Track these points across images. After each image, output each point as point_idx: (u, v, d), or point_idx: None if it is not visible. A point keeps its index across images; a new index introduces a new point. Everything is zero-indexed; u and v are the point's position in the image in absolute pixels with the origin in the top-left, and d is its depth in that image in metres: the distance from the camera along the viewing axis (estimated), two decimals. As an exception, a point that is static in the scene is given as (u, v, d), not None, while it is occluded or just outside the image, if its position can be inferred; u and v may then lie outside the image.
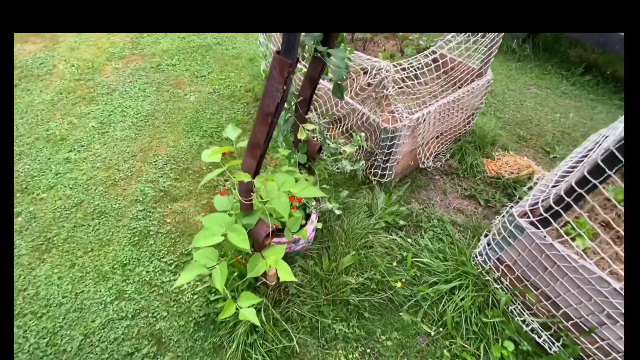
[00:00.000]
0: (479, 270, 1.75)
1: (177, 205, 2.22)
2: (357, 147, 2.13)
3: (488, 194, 2.33)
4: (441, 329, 1.60)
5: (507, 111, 3.19)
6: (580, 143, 2.88)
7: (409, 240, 1.97)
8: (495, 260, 1.69)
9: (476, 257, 1.80)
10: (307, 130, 1.55)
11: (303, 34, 1.17)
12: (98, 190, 2.27)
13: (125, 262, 1.89)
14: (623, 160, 1.08)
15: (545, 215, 1.38)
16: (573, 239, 1.38)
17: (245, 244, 1.16)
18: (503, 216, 1.90)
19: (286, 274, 1.23)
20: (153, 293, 1.76)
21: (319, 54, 1.27)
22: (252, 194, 1.23)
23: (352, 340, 1.57)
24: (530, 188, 2.33)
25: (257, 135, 1.05)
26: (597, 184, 1.19)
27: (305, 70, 1.43)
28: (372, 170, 2.23)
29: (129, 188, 2.31)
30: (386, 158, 2.13)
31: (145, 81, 3.28)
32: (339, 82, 1.35)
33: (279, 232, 1.55)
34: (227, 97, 3.16)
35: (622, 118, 1.86)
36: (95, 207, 2.17)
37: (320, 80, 1.61)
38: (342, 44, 1.38)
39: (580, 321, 1.42)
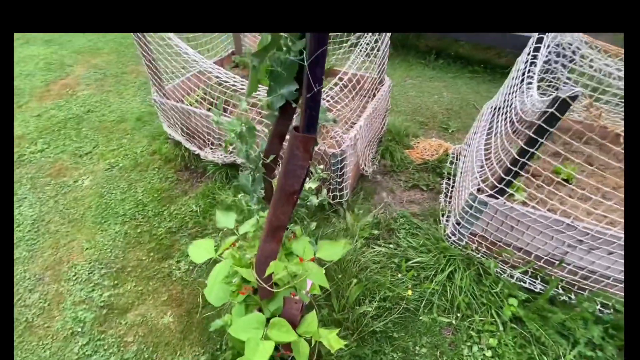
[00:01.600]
0: (457, 248, 1.96)
1: (132, 315, 1.81)
2: (319, 180, 2.12)
3: (425, 179, 2.62)
4: (458, 314, 1.74)
5: (401, 104, 3.64)
6: (461, 115, 3.51)
7: (391, 245, 2.07)
8: (469, 235, 1.93)
9: (449, 237, 2.02)
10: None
11: (280, 93, 1.10)
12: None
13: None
14: (550, 129, 1.38)
15: (499, 186, 1.65)
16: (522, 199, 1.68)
17: (293, 335, 1.02)
18: (471, 195, 2.16)
19: (337, 342, 1.14)
20: None
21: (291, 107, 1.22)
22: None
23: (392, 366, 1.57)
24: (451, 163, 2.72)
25: (280, 216, 0.94)
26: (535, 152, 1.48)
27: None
28: (331, 194, 2.25)
29: (54, 323, 1.77)
30: (340, 180, 2.18)
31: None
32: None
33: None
34: (131, 168, 2.72)
35: (500, 89, 2.35)
36: (15, 370, 1.59)
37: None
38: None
39: (549, 258, 1.74)
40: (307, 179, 1.92)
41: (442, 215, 2.24)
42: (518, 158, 1.53)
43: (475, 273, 1.83)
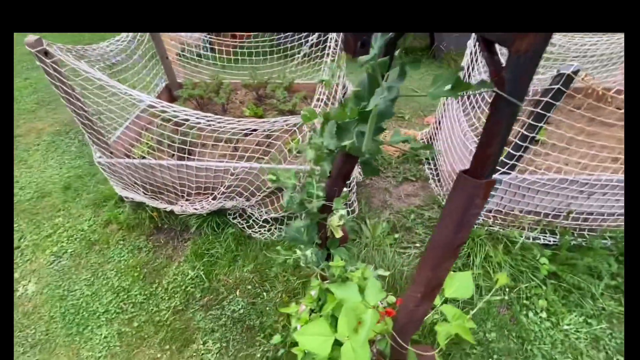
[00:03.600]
0: (476, 228, 2.06)
1: None
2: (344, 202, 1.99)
3: (410, 170, 2.69)
4: (506, 289, 1.83)
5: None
6: (408, 102, 3.69)
7: (417, 244, 2.07)
8: (486, 212, 2.04)
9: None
10: (337, 224, 1.32)
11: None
12: None
13: None
14: (556, 103, 1.51)
15: (511, 162, 1.76)
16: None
17: None
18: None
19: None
20: None
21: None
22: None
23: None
24: (425, 148, 2.85)
25: (442, 274, 0.81)
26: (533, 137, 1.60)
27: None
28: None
29: None
30: (350, 194, 2.09)
31: None
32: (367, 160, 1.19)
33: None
34: (87, 251, 2.19)
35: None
36: None
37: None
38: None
39: (555, 212, 1.94)
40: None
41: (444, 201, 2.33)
42: (527, 134, 1.65)
43: (502, 246, 1.95)
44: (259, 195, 2.06)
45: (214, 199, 2.09)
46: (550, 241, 2.00)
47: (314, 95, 2.00)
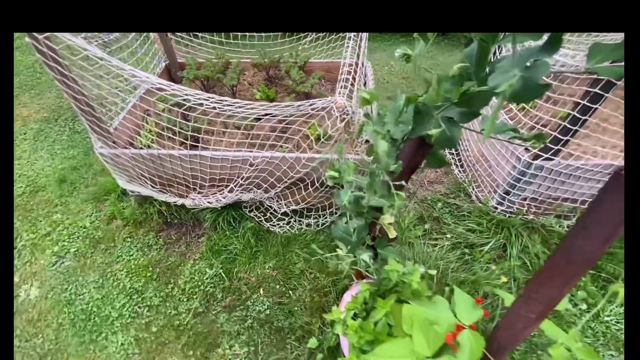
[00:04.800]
0: (509, 217, 1.96)
1: None
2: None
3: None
4: (545, 281, 1.75)
5: (361, 83, 3.47)
6: (421, 81, 3.52)
7: (448, 235, 1.97)
8: (519, 201, 1.93)
9: (496, 208, 2.01)
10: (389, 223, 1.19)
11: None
12: None
13: None
14: (605, 96, 1.37)
15: (556, 147, 1.64)
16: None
17: None
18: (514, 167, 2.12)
19: None
20: None
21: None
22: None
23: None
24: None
25: (567, 290, 0.67)
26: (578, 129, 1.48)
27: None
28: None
29: None
30: (375, 184, 1.95)
31: None
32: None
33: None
34: (92, 250, 2.02)
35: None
36: None
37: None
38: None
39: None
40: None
41: (472, 188, 2.22)
42: (579, 116, 1.52)
43: (538, 235, 1.86)
44: (279, 187, 1.91)
45: (230, 191, 1.93)
46: (585, 229, 1.92)
47: (339, 76, 1.82)
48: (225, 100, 1.63)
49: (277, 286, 1.81)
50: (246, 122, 1.98)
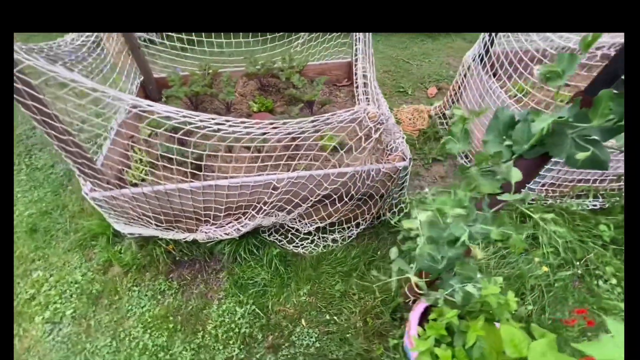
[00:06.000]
0: (532, 203, 2.00)
1: None
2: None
3: (434, 149, 2.55)
4: (577, 263, 1.81)
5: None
6: (403, 74, 3.49)
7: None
8: (539, 187, 1.98)
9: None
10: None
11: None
12: None
13: None
14: None
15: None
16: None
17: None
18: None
19: None
20: None
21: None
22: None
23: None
24: (441, 124, 2.72)
25: None
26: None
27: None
28: (389, 211, 1.94)
29: None
30: (401, 190, 1.88)
31: None
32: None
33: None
34: (92, 308, 1.74)
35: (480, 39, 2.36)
36: None
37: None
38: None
39: (603, 178, 1.94)
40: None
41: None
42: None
43: (562, 219, 1.92)
44: (304, 207, 1.76)
45: (250, 219, 1.74)
46: (596, 205, 2.02)
47: (355, 81, 1.70)
48: (229, 121, 1.43)
49: (319, 314, 1.68)
50: (255, 143, 1.79)
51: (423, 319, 1.36)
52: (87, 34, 1.64)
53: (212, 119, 1.39)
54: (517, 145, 0.79)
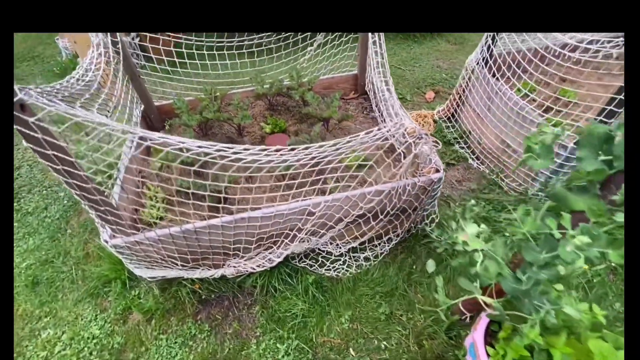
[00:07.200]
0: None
1: None
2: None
3: (446, 153, 2.54)
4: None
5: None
6: (396, 80, 3.50)
7: (506, 234, 1.95)
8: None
9: (537, 195, 2.06)
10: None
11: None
12: None
13: None
14: None
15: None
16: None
17: None
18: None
19: None
20: None
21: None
22: None
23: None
24: (447, 127, 2.73)
25: None
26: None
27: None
28: (421, 223, 1.90)
29: None
30: (432, 202, 1.85)
31: None
32: None
33: None
34: (119, 364, 1.58)
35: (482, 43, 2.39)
36: None
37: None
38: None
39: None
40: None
41: (500, 179, 2.25)
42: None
43: (586, 214, 1.94)
44: (336, 230, 1.69)
45: (284, 248, 1.65)
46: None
47: (377, 94, 1.66)
48: (249, 149, 1.33)
49: (367, 341, 1.60)
50: (291, 170, 1.70)
51: (485, 335, 1.32)
52: (93, 69, 1.50)
53: (229, 147, 1.29)
54: (618, 161, 0.76)
